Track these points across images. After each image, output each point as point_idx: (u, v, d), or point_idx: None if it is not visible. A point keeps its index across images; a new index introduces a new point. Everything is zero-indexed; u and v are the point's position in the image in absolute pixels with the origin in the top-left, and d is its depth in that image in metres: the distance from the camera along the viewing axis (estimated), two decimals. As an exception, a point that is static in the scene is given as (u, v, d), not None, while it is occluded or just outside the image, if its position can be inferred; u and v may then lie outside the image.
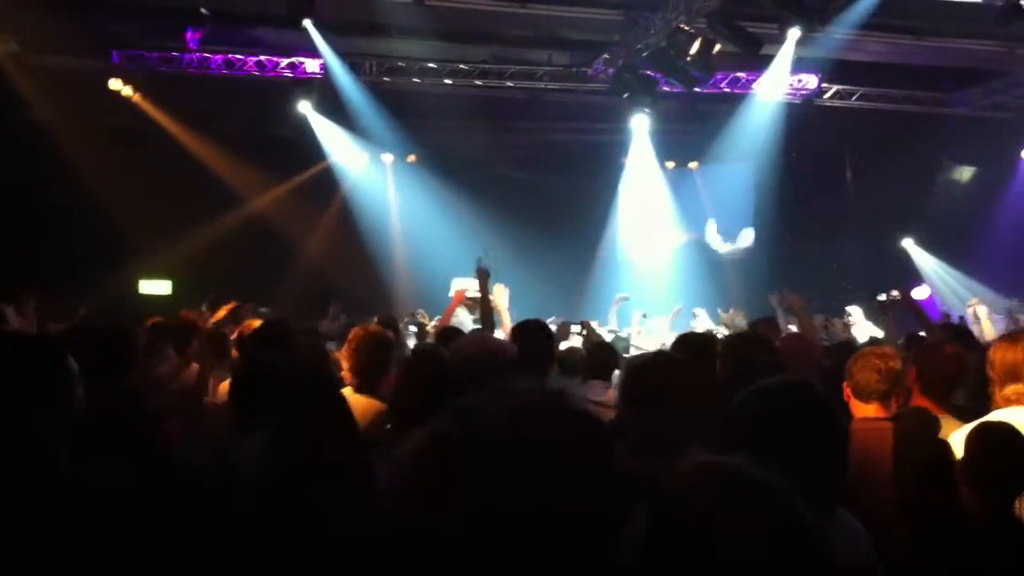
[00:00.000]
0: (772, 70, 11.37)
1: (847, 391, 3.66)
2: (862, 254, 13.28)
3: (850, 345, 5.38)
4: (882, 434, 3.45)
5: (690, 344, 4.07)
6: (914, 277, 13.70)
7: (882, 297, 5.86)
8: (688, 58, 10.19)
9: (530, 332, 3.79)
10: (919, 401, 3.69)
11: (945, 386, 3.70)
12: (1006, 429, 2.96)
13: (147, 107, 12.10)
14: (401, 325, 10.32)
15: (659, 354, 3.00)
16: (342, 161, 14.11)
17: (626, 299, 9.96)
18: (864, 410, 3.59)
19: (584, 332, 6.99)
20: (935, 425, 3.56)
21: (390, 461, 2.73)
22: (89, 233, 11.84)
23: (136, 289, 13.67)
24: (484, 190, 13.65)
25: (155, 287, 13.90)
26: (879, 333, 6.88)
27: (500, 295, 5.61)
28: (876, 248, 13.76)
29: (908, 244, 14.81)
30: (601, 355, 5.23)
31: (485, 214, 13.29)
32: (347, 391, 3.71)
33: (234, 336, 5.59)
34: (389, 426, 3.37)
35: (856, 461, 3.09)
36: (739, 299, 11.68)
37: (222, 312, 7.52)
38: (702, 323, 9.99)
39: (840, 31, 10.09)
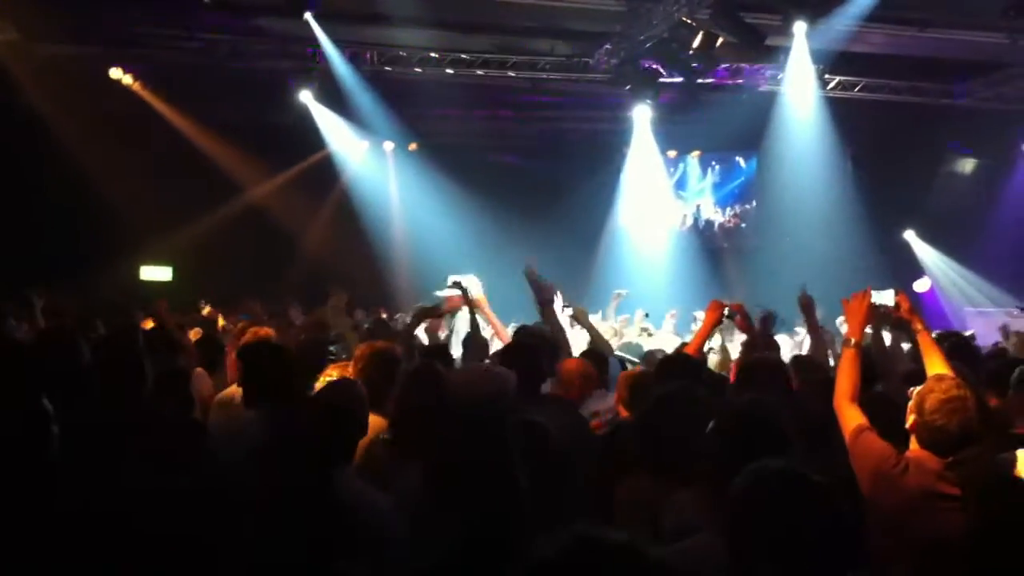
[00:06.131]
0: (787, 64, 11.31)
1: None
2: (864, 247, 13.21)
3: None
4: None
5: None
6: (917, 270, 13.68)
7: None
8: (691, 51, 10.14)
9: (522, 352, 3.77)
10: None
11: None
12: None
13: (147, 96, 12.07)
14: (400, 316, 10.33)
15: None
16: (343, 150, 14.08)
17: (625, 295, 9.95)
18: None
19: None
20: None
21: (394, 491, 2.75)
22: (90, 220, 11.93)
23: (138, 275, 13.69)
24: (485, 179, 13.63)
25: (156, 273, 13.94)
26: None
27: (475, 289, 5.70)
28: (878, 241, 13.69)
29: (910, 237, 14.77)
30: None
31: (486, 203, 13.27)
32: None
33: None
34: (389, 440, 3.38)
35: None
36: (740, 294, 11.63)
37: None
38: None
39: (842, 23, 10.02)
